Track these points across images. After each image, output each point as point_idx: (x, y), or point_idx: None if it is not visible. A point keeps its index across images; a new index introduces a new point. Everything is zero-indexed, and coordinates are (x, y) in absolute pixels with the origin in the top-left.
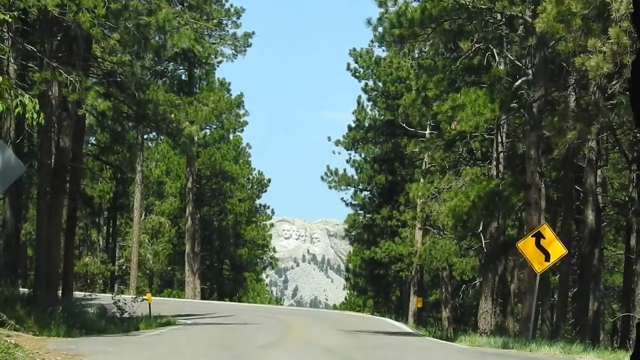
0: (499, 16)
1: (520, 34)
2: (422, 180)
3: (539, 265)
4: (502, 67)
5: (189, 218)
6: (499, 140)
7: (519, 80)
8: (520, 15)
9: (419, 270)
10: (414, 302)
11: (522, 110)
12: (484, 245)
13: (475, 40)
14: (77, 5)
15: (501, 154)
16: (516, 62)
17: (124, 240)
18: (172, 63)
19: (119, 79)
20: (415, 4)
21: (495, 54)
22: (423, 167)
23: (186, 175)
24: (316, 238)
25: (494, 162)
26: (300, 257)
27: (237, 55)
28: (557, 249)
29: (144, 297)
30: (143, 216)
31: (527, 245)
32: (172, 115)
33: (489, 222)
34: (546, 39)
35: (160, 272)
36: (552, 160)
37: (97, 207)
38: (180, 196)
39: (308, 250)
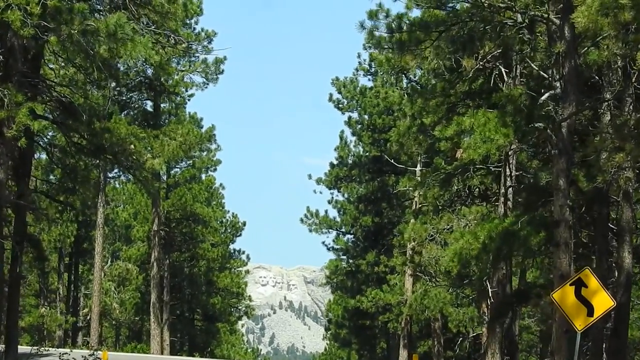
0: (519, 17)
1: (544, 39)
2: (413, 221)
3: (581, 321)
4: (514, 84)
5: (155, 264)
6: (508, 173)
7: (545, 95)
8: (546, 16)
9: (409, 321)
10: (404, 357)
11: (548, 130)
12: (490, 295)
13: (486, 51)
14: (4, 1)
15: (509, 189)
16: (541, 73)
17: (87, 288)
18: (135, 92)
19: (69, 104)
20: (413, 14)
21: (504, 73)
22: (414, 207)
23: (152, 217)
24: (293, 285)
25: (502, 199)
26: (277, 304)
27: (207, 83)
28: (604, 301)
29: (97, 353)
30: (109, 262)
31: (565, 296)
32: (132, 147)
33: (496, 268)
34: (577, 44)
35: (127, 323)
36: (581, 193)
37: (57, 252)
38: (149, 241)
39: (285, 297)
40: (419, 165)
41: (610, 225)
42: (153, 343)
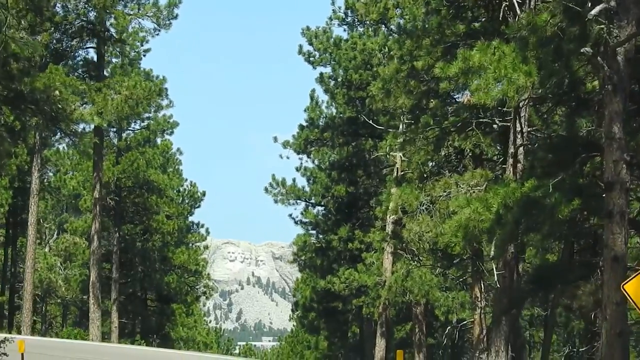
0: None
1: None
2: (395, 189)
3: None
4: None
5: (95, 237)
6: (518, 129)
7: (595, 9)
8: None
9: (387, 305)
10: (381, 346)
11: (598, 58)
12: (496, 279)
13: None
14: None
15: (520, 149)
16: None
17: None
18: (76, 39)
19: None
20: None
21: (516, 4)
22: (395, 175)
23: (93, 183)
24: (261, 261)
25: (510, 160)
26: (245, 279)
27: (159, 30)
28: None
29: (12, 338)
30: (55, 235)
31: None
32: (57, 93)
33: (506, 246)
34: None
35: (74, 302)
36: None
37: None
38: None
39: (253, 273)
40: (401, 127)
41: None
42: (92, 328)
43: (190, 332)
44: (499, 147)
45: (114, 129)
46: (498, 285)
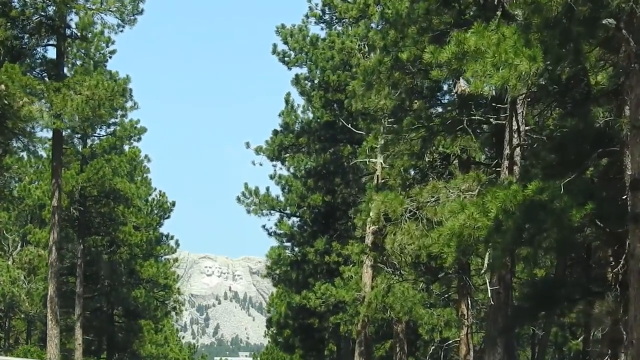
0: None
1: None
2: (376, 196)
3: None
4: None
5: (54, 249)
6: (514, 127)
7: None
8: None
9: (367, 323)
10: None
11: (623, 31)
12: (490, 295)
13: None
14: None
15: (516, 150)
16: None
17: None
18: (35, 36)
19: None
20: None
21: None
22: (375, 182)
23: (52, 190)
24: (238, 275)
25: (505, 163)
26: (222, 294)
27: (123, 26)
28: None
29: None
30: (19, 247)
31: None
32: (2, 87)
33: (504, 257)
34: None
35: (39, 318)
36: None
37: None
38: (60, 222)
39: (230, 288)
40: (382, 130)
41: None
42: (50, 346)
43: (160, 349)
44: (488, 152)
45: (78, 135)
46: (492, 302)
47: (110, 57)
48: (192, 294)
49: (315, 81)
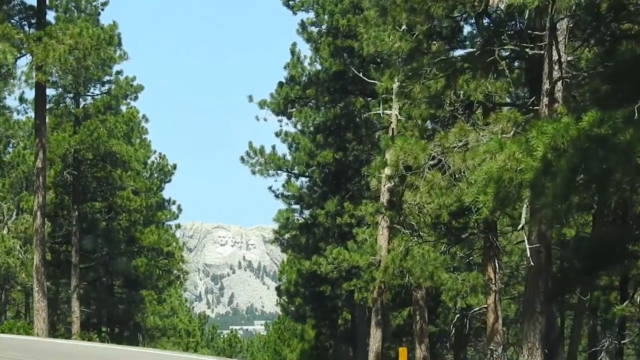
0: None
1: None
2: (392, 145)
3: None
4: None
5: (38, 214)
6: (555, 57)
7: None
8: None
9: (383, 289)
10: (377, 337)
11: None
12: (529, 255)
13: None
14: None
15: (558, 83)
16: None
17: None
18: None
19: None
20: None
21: None
22: (391, 135)
23: (36, 150)
24: (252, 245)
25: (545, 99)
26: (236, 263)
27: None
28: None
29: None
30: (14, 215)
31: None
32: None
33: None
34: None
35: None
36: None
37: None
38: (55, 187)
39: (244, 257)
40: (396, 83)
41: None
42: (37, 320)
43: (167, 320)
44: (521, 91)
45: (70, 95)
46: (532, 264)
47: (102, 10)
48: (206, 264)
49: (323, 27)
